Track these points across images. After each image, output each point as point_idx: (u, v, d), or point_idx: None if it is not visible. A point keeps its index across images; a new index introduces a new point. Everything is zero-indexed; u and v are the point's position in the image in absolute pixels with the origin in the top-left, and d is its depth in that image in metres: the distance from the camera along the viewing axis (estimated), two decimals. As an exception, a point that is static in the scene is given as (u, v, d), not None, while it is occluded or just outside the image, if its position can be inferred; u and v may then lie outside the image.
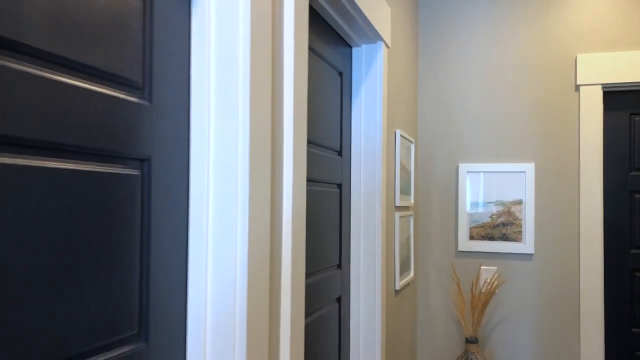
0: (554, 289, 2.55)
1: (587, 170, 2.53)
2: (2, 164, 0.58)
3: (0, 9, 0.58)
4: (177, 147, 0.89)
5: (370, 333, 1.87)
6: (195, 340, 0.91)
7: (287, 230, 1.10)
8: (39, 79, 0.63)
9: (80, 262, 0.69)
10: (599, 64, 2.52)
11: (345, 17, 1.62)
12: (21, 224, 0.61)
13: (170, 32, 0.87)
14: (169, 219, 0.86)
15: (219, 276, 0.91)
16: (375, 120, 1.87)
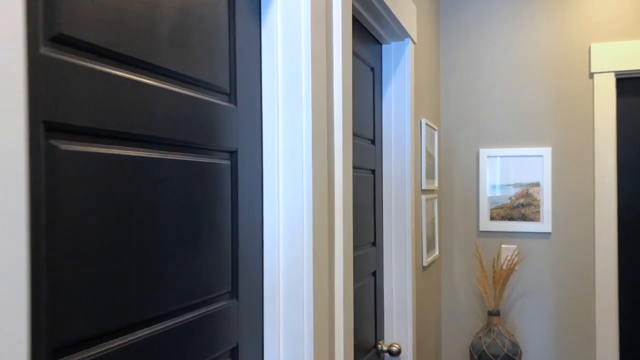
0: (571, 265, 2.72)
1: (601, 153, 2.68)
2: (143, 157, 0.78)
3: (139, 39, 0.78)
4: (254, 140, 1.08)
5: (402, 305, 2.07)
6: (270, 298, 1.11)
7: (339, 207, 1.29)
8: (164, 91, 0.82)
9: (194, 234, 0.89)
10: (612, 53, 2.67)
11: (377, 19, 1.80)
12: (154, 201, 0.80)
13: (247, 49, 1.06)
14: (249, 198, 1.06)
15: (288, 247, 1.11)
16: (404, 111, 2.05)
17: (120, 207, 0.72)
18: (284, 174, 1.11)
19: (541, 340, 2.76)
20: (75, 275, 0.64)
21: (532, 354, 2.77)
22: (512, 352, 2.50)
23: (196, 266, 0.89)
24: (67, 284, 0.63)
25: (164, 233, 0.81)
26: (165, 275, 0.81)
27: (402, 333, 2.06)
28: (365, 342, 1.84)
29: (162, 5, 0.81)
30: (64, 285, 0.63)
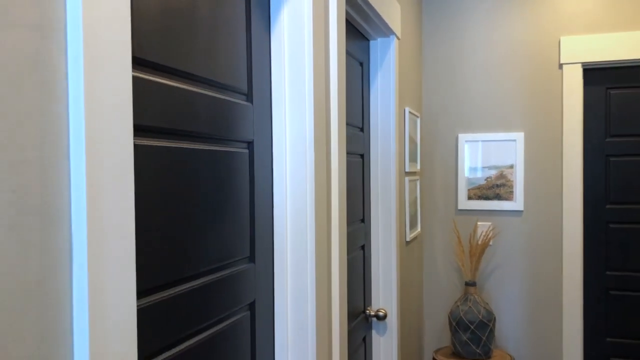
0: (541, 239, 2.99)
1: (569, 137, 2.94)
2: (181, 147, 0.99)
3: (185, 57, 0.98)
4: (266, 132, 1.30)
5: (388, 275, 2.31)
6: (279, 263, 1.33)
7: (334, 187, 1.52)
8: (202, 95, 1.03)
9: (216, 207, 1.11)
10: (579, 45, 2.91)
11: (365, 19, 2.01)
12: (195, 182, 1.02)
13: (260, 56, 1.27)
14: (262, 180, 1.28)
15: (294, 220, 1.33)
16: (389, 101, 2.28)
17: (173, 187, 0.94)
18: (290, 159, 1.33)
19: (513, 307, 3.03)
20: (150, 237, 0.86)
21: (504, 319, 3.05)
22: (486, 318, 2.77)
23: (224, 235, 1.11)
24: (147, 244, 0.85)
25: (202, 208, 1.03)
26: (204, 240, 1.03)
27: (388, 300, 2.31)
28: (356, 307, 2.08)
29: (199, 33, 1.02)
30: (146, 245, 0.85)
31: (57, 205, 0.59)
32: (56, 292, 0.59)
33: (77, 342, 0.62)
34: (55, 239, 0.59)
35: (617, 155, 2.97)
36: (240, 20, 1.18)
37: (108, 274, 0.65)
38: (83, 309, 0.61)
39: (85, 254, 0.61)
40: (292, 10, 1.32)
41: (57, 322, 0.59)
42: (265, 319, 1.29)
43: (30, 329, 0.56)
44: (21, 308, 0.55)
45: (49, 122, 0.59)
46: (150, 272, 0.87)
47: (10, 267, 0.54)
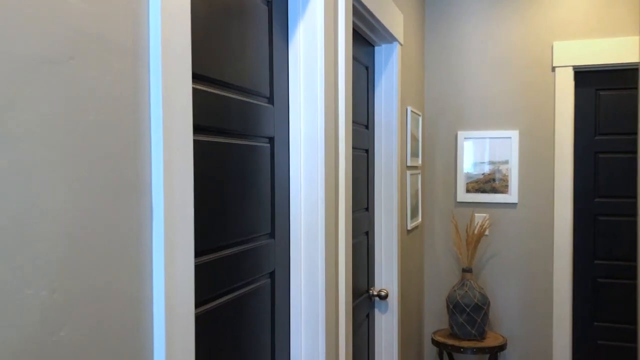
0: (533, 230, 3.22)
1: (561, 135, 3.16)
2: (219, 142, 1.23)
3: (224, 70, 1.22)
4: (284, 129, 1.54)
5: (389, 259, 2.55)
6: (294, 240, 1.57)
7: (342, 178, 1.75)
8: (235, 100, 1.27)
9: (246, 191, 1.35)
10: (571, 50, 3.13)
11: (370, 28, 2.24)
12: (230, 169, 1.26)
13: (280, 65, 1.51)
14: (281, 170, 1.52)
15: (307, 204, 1.57)
16: (392, 101, 2.51)
17: (215, 173, 1.18)
18: (304, 152, 1.57)
19: (506, 292, 3.27)
20: (199, 211, 1.10)
21: (498, 304, 3.28)
22: (481, 302, 3.00)
23: (251, 213, 1.35)
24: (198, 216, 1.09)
25: (234, 190, 1.27)
26: (236, 217, 1.28)
27: (389, 282, 2.55)
28: (360, 286, 2.32)
29: (233, 49, 1.26)
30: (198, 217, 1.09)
31: (142, 181, 0.84)
32: (142, 240, 0.84)
33: (156, 282, 0.86)
34: (140, 204, 0.83)
35: (606, 152, 3.19)
36: (263, 36, 1.42)
37: (175, 233, 0.89)
38: (159, 256, 0.86)
39: (162, 217, 0.86)
40: (307, 24, 1.56)
41: (143, 264, 0.84)
42: (282, 286, 1.54)
43: (125, 269, 0.80)
44: (119, 252, 0.79)
45: (138, 121, 0.83)
46: (200, 239, 1.11)
47: (115, 220, 0.78)
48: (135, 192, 0.81)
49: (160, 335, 0.86)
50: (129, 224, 0.80)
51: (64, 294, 0.68)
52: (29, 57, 0.63)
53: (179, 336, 0.89)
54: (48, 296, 0.66)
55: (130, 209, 0.80)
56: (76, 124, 0.70)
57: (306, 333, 1.59)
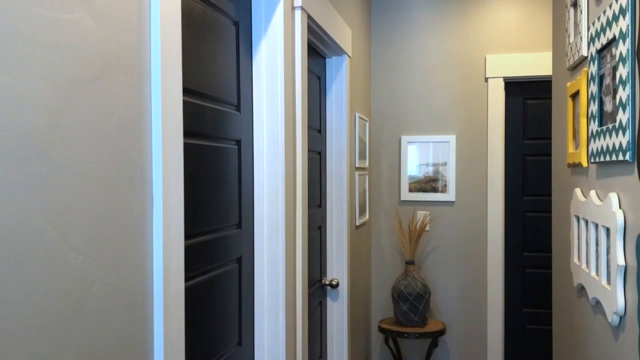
0: (469, 226, 3.54)
1: (493, 140, 3.49)
2: (196, 144, 1.44)
3: (203, 84, 1.43)
4: (249, 133, 1.76)
5: (340, 252, 2.80)
6: (259, 227, 1.79)
7: (299, 177, 1.98)
8: (210, 108, 1.48)
9: (218, 186, 1.56)
10: (502, 63, 3.47)
11: (322, 43, 2.49)
12: (199, 167, 1.47)
13: (245, 77, 1.73)
14: (247, 168, 1.74)
15: (269, 199, 1.79)
16: (342, 108, 2.76)
17: (195, 170, 1.39)
18: (267, 153, 1.80)
19: (446, 282, 3.58)
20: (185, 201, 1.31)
21: (438, 293, 3.59)
22: (423, 291, 3.29)
23: (222, 205, 1.57)
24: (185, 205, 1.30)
25: (209, 185, 1.48)
26: (210, 208, 1.49)
27: (340, 272, 2.80)
28: (314, 276, 2.55)
29: (208, 66, 1.47)
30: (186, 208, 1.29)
31: (146, 175, 1.04)
32: (144, 223, 1.04)
33: (156, 258, 1.07)
34: (144, 192, 1.04)
35: (532, 155, 3.55)
36: (231, 51, 1.64)
37: (170, 217, 1.10)
38: (159, 235, 1.06)
39: (161, 204, 1.06)
40: (269, 42, 1.78)
41: (146, 241, 1.04)
42: (248, 271, 1.75)
43: (129, 248, 1.00)
44: (130, 229, 0.99)
45: (143, 126, 1.03)
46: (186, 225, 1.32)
47: (123, 204, 0.98)
48: (140, 183, 1.02)
49: (159, 299, 1.06)
50: (137, 208, 1.01)
51: (94, 259, 0.89)
52: (68, 77, 0.83)
53: (173, 301, 1.10)
54: (84, 260, 0.86)
55: (137, 196, 1.01)
56: (102, 130, 0.91)
57: (268, 312, 1.81)
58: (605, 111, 1.32)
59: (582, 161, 1.53)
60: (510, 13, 3.47)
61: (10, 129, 0.72)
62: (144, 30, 1.04)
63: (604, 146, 1.28)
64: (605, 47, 1.31)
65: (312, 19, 2.12)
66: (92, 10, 0.88)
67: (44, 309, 0.78)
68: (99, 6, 0.90)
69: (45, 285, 0.78)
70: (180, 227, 1.14)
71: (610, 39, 1.24)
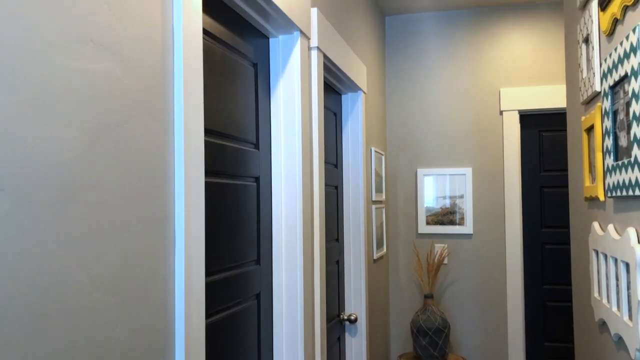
0: (488, 258, 3.52)
1: (509, 172, 3.50)
2: (217, 182, 1.47)
3: (224, 125, 1.47)
4: (268, 170, 1.79)
5: (358, 286, 2.79)
6: (277, 263, 1.81)
7: (316, 212, 2.00)
8: (230, 147, 1.52)
9: (237, 222, 1.58)
10: (516, 96, 3.50)
11: (338, 80, 2.54)
12: (219, 205, 1.50)
13: (264, 116, 1.77)
14: (265, 205, 1.76)
15: (287, 236, 1.81)
16: (358, 143, 2.80)
17: (214, 208, 1.42)
18: (285, 189, 1.82)
19: (465, 316, 3.54)
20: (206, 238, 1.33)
21: (458, 327, 3.54)
22: (442, 325, 3.26)
23: (241, 242, 1.59)
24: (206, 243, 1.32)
25: (229, 222, 1.51)
26: (230, 245, 1.51)
27: (358, 307, 2.79)
28: (332, 311, 2.55)
29: (229, 107, 1.52)
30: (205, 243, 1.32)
31: (167, 215, 1.07)
32: (167, 263, 1.07)
33: (177, 297, 1.09)
34: (167, 232, 1.07)
35: (550, 187, 3.54)
36: (250, 92, 1.68)
37: (192, 257, 1.12)
38: (180, 273, 1.09)
39: (182, 242, 1.09)
40: (286, 81, 1.83)
41: (167, 283, 1.06)
42: (266, 307, 1.76)
43: (152, 287, 1.03)
44: (149, 273, 1.02)
45: (166, 168, 1.07)
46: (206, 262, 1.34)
47: (147, 245, 1.01)
48: (163, 223, 1.05)
49: (181, 338, 1.08)
50: (160, 248, 1.03)
51: (118, 299, 0.91)
52: (96, 124, 0.87)
53: (194, 339, 1.12)
54: (109, 300, 0.89)
55: (160, 236, 1.04)
56: (127, 173, 0.94)
57: (287, 349, 1.81)
58: (620, 146, 1.33)
59: (599, 195, 1.53)
60: (522, 47, 3.51)
61: (40, 174, 0.76)
62: (167, 76, 1.08)
63: (620, 181, 1.29)
64: (618, 83, 1.33)
65: (328, 58, 2.17)
66: (119, 60, 0.93)
67: (70, 349, 0.80)
68: (126, 56, 0.95)
69: (72, 326, 0.81)
70: (201, 266, 1.16)
71: (623, 75, 1.26)
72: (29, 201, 0.73)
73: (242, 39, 1.62)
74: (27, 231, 0.73)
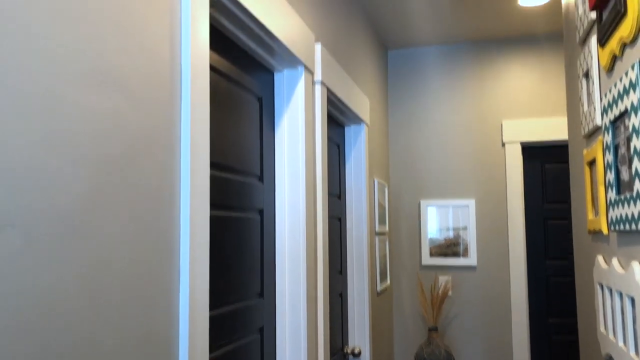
0: (492, 290, 3.49)
1: (512, 204, 3.50)
2: (221, 215, 1.48)
3: (228, 158, 1.49)
4: (271, 202, 1.80)
5: (361, 320, 2.77)
6: (280, 296, 1.80)
7: (320, 245, 2.01)
8: (234, 180, 1.53)
9: (241, 255, 1.58)
10: (518, 128, 3.52)
11: (341, 112, 2.57)
12: (223, 238, 1.50)
13: (267, 150, 1.79)
14: (269, 237, 1.77)
15: (291, 269, 1.81)
16: (361, 174, 2.81)
17: (219, 241, 1.42)
18: (288, 222, 1.83)
19: (470, 349, 3.49)
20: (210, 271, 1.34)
21: None
22: (447, 359, 3.21)
23: (245, 275, 1.59)
24: (201, 278, 1.32)
25: (233, 255, 1.51)
26: (234, 278, 1.51)
27: (362, 340, 2.76)
28: (335, 345, 2.52)
29: (234, 141, 1.54)
30: (200, 278, 1.32)
31: (173, 248, 1.08)
32: (171, 297, 1.07)
33: (182, 331, 1.08)
34: (172, 266, 1.07)
35: (553, 219, 3.54)
36: (255, 125, 1.71)
37: (197, 290, 1.12)
38: (185, 305, 1.09)
39: (187, 277, 1.09)
40: (290, 114, 1.85)
41: (172, 317, 1.06)
42: (270, 342, 1.75)
43: (157, 322, 1.03)
44: (154, 307, 1.02)
45: (173, 201, 1.08)
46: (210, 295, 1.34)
47: (153, 278, 1.01)
48: (169, 257, 1.06)
49: (185, 372, 1.07)
50: (165, 281, 1.04)
51: (124, 332, 0.91)
52: (104, 158, 0.89)
53: (198, 373, 1.11)
54: (114, 334, 0.89)
55: (166, 270, 1.04)
56: (135, 206, 0.95)
57: (290, 383, 1.79)
58: (622, 180, 1.33)
59: (603, 228, 1.53)
60: (523, 79, 3.55)
61: (50, 209, 0.77)
62: (175, 112, 1.10)
63: (623, 215, 1.29)
64: (619, 118, 1.35)
65: (332, 91, 2.20)
66: (127, 96, 0.95)
67: (76, 385, 0.80)
68: (134, 91, 0.97)
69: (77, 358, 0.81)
70: (206, 299, 1.16)
71: (623, 111, 1.28)
72: (38, 237, 0.74)
73: (248, 73, 1.65)
74: (36, 267, 0.74)
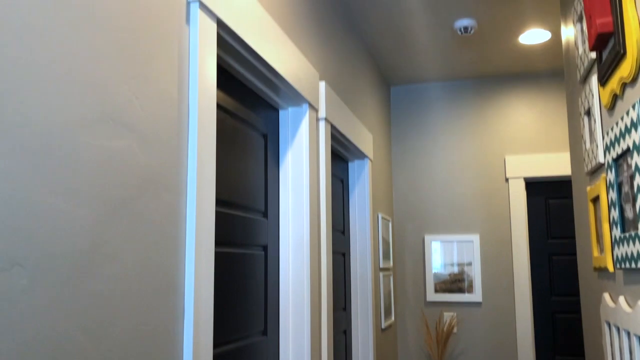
0: (498, 327, 3.45)
1: (517, 239, 3.48)
2: (225, 252, 1.48)
3: (232, 195, 1.50)
4: (275, 239, 1.80)
5: (366, 357, 2.73)
6: (284, 333, 1.79)
7: (324, 281, 2.00)
8: (239, 217, 1.54)
9: (245, 292, 1.58)
10: (521, 163, 3.54)
11: (345, 148, 2.59)
12: (227, 274, 1.50)
13: (272, 187, 1.80)
14: (273, 273, 1.76)
15: (295, 305, 1.80)
16: (365, 209, 2.81)
17: (223, 277, 1.42)
18: (292, 257, 1.83)
19: (476, 389, 3.43)
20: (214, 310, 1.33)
21: (470, 401, 3.43)
22: (452, 398, 3.16)
23: (248, 312, 1.58)
24: (204, 315, 1.32)
25: (237, 292, 1.51)
26: (238, 316, 1.50)
27: (366, 378, 2.72)
28: (339, 382, 2.49)
29: (240, 179, 1.55)
30: (203, 316, 1.31)
31: (177, 287, 1.08)
32: (175, 336, 1.06)
33: (185, 367, 1.08)
34: (176, 305, 1.07)
35: (558, 254, 3.52)
36: (260, 162, 1.72)
37: (201, 329, 1.12)
38: (189, 351, 1.08)
39: (192, 316, 1.09)
40: (295, 151, 1.87)
41: (175, 358, 1.06)
42: (273, 379, 1.73)
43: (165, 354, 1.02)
44: (157, 347, 1.01)
45: (178, 240, 1.08)
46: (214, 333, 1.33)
47: (156, 318, 1.01)
48: (173, 296, 1.06)
49: (187, 413, 1.06)
50: (169, 321, 1.04)
51: (127, 374, 0.90)
52: (112, 199, 0.90)
53: (201, 414, 1.10)
54: (118, 375, 0.88)
55: (170, 309, 1.04)
56: (141, 246, 0.96)
57: (294, 423, 1.76)
58: (626, 218, 1.34)
59: (608, 266, 1.52)
60: (526, 115, 3.58)
61: (57, 249, 0.77)
62: (182, 151, 1.12)
63: (629, 253, 1.29)
64: (621, 157, 1.36)
65: (335, 127, 2.22)
66: (136, 137, 0.96)
67: None
68: (143, 132, 0.98)
69: (80, 402, 0.80)
70: (209, 338, 1.15)
71: (625, 149, 1.29)
72: (45, 277, 0.75)
73: (253, 111, 1.68)
74: (43, 307, 0.74)
